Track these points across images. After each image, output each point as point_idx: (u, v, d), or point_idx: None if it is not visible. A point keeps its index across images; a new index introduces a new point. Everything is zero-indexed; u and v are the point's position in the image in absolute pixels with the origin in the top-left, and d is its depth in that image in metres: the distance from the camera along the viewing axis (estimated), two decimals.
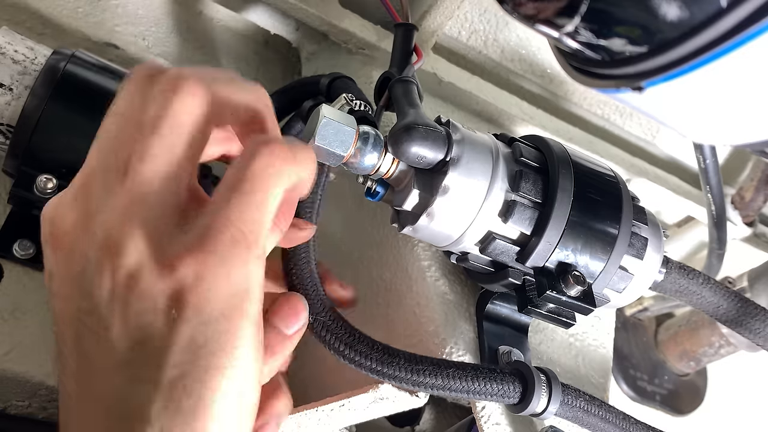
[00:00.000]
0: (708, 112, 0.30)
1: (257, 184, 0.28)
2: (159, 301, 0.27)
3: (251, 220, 0.28)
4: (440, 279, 0.47)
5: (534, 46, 0.69)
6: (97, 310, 0.27)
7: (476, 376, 0.39)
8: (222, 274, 0.27)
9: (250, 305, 0.28)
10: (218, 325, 0.27)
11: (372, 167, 0.39)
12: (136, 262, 0.27)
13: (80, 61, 0.47)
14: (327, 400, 0.43)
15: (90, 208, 0.28)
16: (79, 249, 0.28)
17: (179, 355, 0.26)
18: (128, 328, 0.27)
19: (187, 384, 0.26)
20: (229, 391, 0.27)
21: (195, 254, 0.27)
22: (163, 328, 0.27)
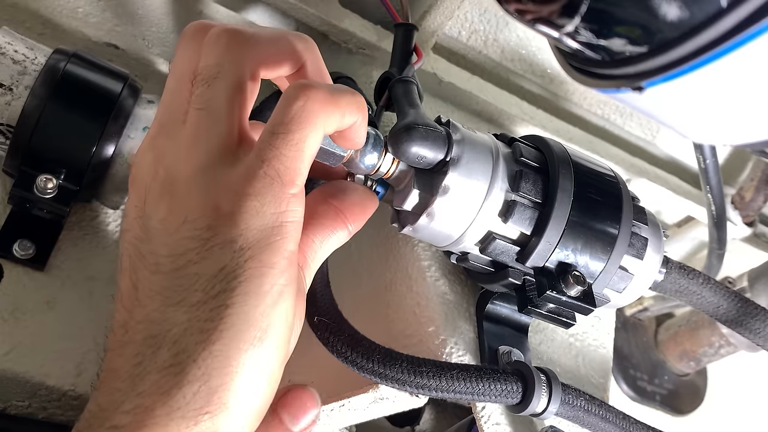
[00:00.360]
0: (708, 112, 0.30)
1: (293, 125, 0.29)
2: (199, 230, 0.29)
3: (287, 159, 0.29)
4: (440, 279, 0.47)
5: (534, 46, 0.69)
6: (148, 238, 0.30)
7: (478, 377, 0.39)
8: (254, 208, 0.29)
9: (283, 242, 0.29)
10: (248, 256, 0.28)
11: (372, 167, 0.39)
12: (185, 196, 0.30)
13: (80, 61, 0.47)
14: (327, 401, 0.43)
15: (157, 153, 0.31)
16: (144, 186, 0.31)
17: (208, 281, 0.28)
18: (171, 254, 0.29)
19: (213, 308, 0.28)
20: (251, 320, 0.28)
21: (233, 186, 0.29)
22: (199, 256, 0.29)
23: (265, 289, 0.28)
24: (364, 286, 0.53)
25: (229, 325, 0.28)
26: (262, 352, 0.28)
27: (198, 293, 0.28)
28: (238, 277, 0.28)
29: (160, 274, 0.29)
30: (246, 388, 0.28)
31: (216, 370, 0.27)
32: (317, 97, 0.30)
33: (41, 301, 0.48)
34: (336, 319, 0.41)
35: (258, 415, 0.29)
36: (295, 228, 0.30)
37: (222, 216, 0.29)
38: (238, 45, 0.32)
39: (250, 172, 0.29)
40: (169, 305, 0.28)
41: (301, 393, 0.34)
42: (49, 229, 0.49)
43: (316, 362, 0.50)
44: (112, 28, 0.57)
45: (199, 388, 0.27)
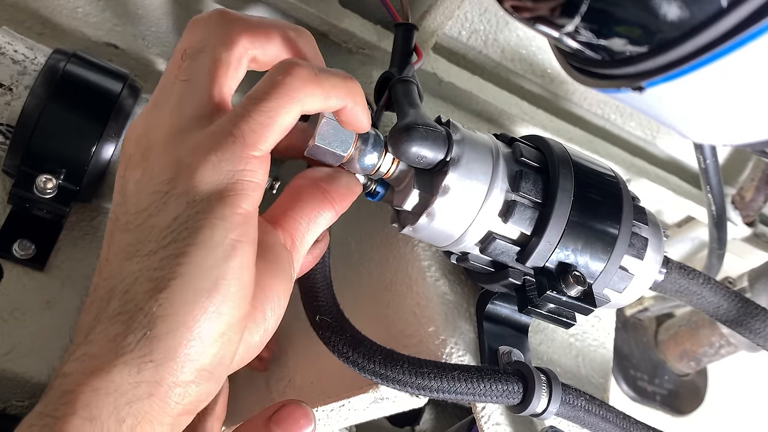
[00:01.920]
0: (708, 112, 0.30)
1: (271, 95, 0.30)
2: (160, 184, 0.30)
3: (256, 123, 0.30)
4: (440, 279, 0.47)
5: (534, 46, 0.69)
6: (124, 201, 0.31)
7: (479, 378, 0.39)
8: (212, 162, 0.29)
9: (237, 197, 0.29)
10: (200, 207, 0.29)
11: (372, 167, 0.39)
12: (156, 156, 0.31)
13: (80, 61, 0.47)
14: (327, 401, 0.43)
15: (145, 126, 0.33)
16: (128, 155, 0.32)
17: (161, 232, 0.29)
18: (137, 211, 0.30)
19: (163, 257, 0.28)
20: (200, 271, 0.28)
21: (198, 143, 0.30)
22: (156, 208, 0.29)
23: (216, 240, 0.28)
24: (364, 286, 0.53)
25: (177, 274, 0.28)
26: (211, 305, 0.28)
27: (151, 243, 0.29)
28: (189, 228, 0.28)
29: (128, 231, 0.30)
30: (193, 341, 0.27)
31: (161, 318, 0.27)
32: (300, 74, 0.31)
33: (41, 301, 0.48)
34: (337, 319, 0.41)
35: (208, 378, 0.28)
36: (252, 188, 0.30)
37: (181, 168, 0.29)
38: (224, 21, 0.33)
39: (216, 130, 0.30)
40: (127, 258, 0.29)
41: (295, 409, 0.33)
42: (49, 229, 0.49)
43: (316, 362, 0.50)
44: (111, 28, 0.57)
45: (144, 335, 0.27)
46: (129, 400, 0.27)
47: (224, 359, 0.29)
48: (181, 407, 0.28)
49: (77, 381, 0.27)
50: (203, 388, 0.28)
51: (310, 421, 0.34)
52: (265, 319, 0.32)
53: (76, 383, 0.27)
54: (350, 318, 0.42)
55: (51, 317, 0.47)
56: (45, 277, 0.49)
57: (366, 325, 0.41)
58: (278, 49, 0.35)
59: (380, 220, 0.54)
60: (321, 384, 0.48)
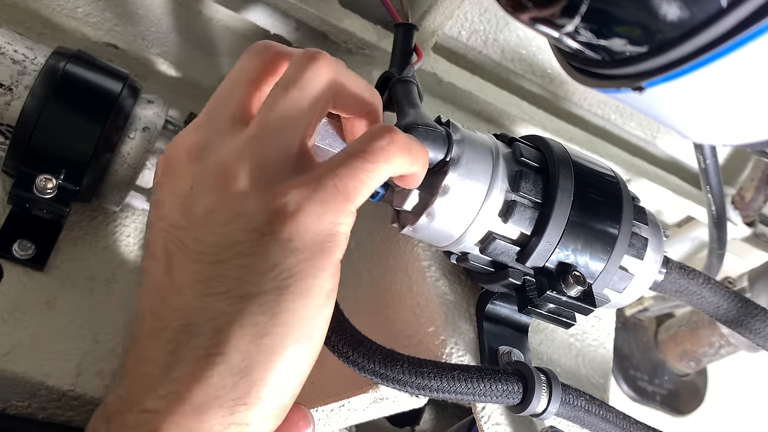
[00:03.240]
0: (708, 112, 0.30)
1: (372, 156, 0.31)
2: (255, 225, 0.29)
3: (357, 181, 0.31)
4: (440, 279, 0.47)
5: (534, 46, 0.69)
6: (191, 226, 0.30)
7: (479, 378, 0.39)
8: (317, 212, 0.30)
9: (335, 248, 0.30)
10: (303, 257, 0.29)
11: None
12: (243, 186, 0.30)
13: (80, 61, 0.47)
14: (327, 401, 0.43)
15: (203, 143, 0.31)
16: (188, 174, 0.31)
17: (260, 276, 0.29)
18: (218, 245, 0.29)
19: (264, 303, 0.28)
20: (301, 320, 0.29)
21: (300, 189, 0.30)
22: (251, 249, 0.29)
23: (316, 291, 0.29)
24: (364, 286, 0.53)
25: (280, 321, 0.28)
26: (302, 352, 0.29)
27: (248, 286, 0.29)
28: (293, 276, 0.29)
29: (203, 263, 0.29)
30: (281, 385, 0.29)
31: (259, 363, 0.28)
32: (399, 142, 0.32)
33: (41, 301, 0.48)
34: (337, 319, 0.41)
35: (283, 412, 0.30)
36: (344, 240, 0.31)
37: (283, 214, 0.29)
38: (330, 70, 0.33)
39: (320, 180, 0.30)
40: (211, 294, 0.29)
41: (294, 412, 0.33)
42: (49, 229, 0.49)
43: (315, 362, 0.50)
44: (111, 28, 0.57)
45: (240, 379, 0.28)
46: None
47: (296, 395, 0.31)
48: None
49: (166, 419, 0.27)
50: (275, 424, 0.30)
51: (309, 423, 0.34)
52: None
53: (165, 421, 0.27)
54: (350, 318, 0.42)
55: (51, 317, 0.47)
56: (45, 277, 0.49)
57: (366, 325, 0.41)
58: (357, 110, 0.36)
59: (380, 220, 0.54)
60: (321, 384, 0.48)
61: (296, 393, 0.30)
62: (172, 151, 0.32)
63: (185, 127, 0.33)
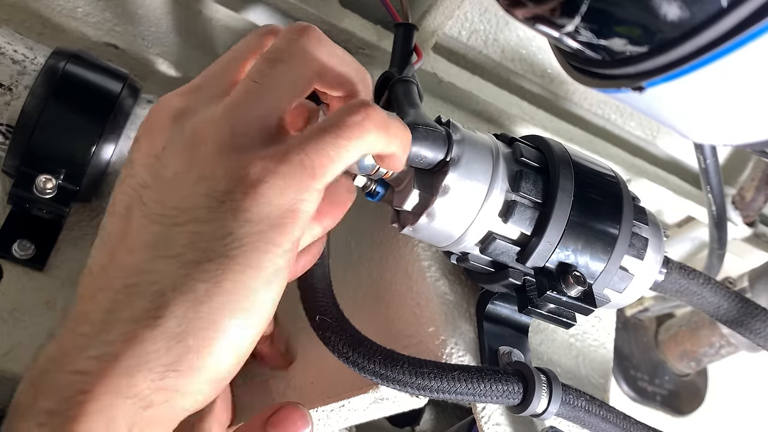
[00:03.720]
0: (708, 112, 0.30)
1: (343, 132, 0.30)
2: (216, 192, 0.29)
3: (325, 157, 0.30)
4: (440, 279, 0.47)
5: (534, 46, 0.69)
6: (156, 186, 0.30)
7: (479, 378, 0.39)
8: (279, 186, 0.29)
9: (293, 225, 0.29)
10: (258, 229, 0.29)
11: (372, 167, 0.38)
12: (211, 152, 0.30)
13: (80, 61, 0.47)
14: (327, 401, 0.43)
15: (185, 108, 0.32)
16: (165, 136, 0.31)
17: (211, 243, 0.28)
18: (177, 207, 0.29)
19: (210, 270, 0.28)
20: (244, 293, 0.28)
21: (265, 161, 0.29)
22: (208, 215, 0.29)
23: (265, 265, 0.29)
24: (364, 287, 0.53)
25: (222, 290, 0.28)
26: (243, 326, 0.28)
27: (197, 252, 0.28)
28: (243, 246, 0.28)
29: (160, 225, 0.29)
30: (216, 357, 0.28)
31: (196, 331, 0.27)
32: (375, 118, 0.31)
33: (41, 302, 0.48)
34: (337, 319, 0.41)
35: (217, 386, 0.29)
36: (305, 218, 0.30)
37: (245, 184, 0.29)
38: (315, 45, 0.33)
39: (287, 154, 0.30)
40: (160, 257, 0.28)
41: (292, 412, 0.33)
42: (49, 229, 0.49)
43: (316, 362, 0.50)
44: (111, 28, 0.57)
45: (175, 344, 0.27)
46: (145, 405, 0.27)
47: (234, 372, 0.30)
48: (186, 413, 0.28)
49: (96, 381, 0.26)
50: (210, 395, 0.29)
51: (307, 423, 0.34)
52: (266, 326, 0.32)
53: (95, 383, 0.26)
54: (350, 318, 0.42)
55: (51, 317, 0.47)
56: (45, 277, 0.49)
57: (366, 325, 0.41)
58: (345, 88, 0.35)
59: (380, 220, 0.53)
60: (321, 384, 0.48)
61: (233, 369, 0.29)
62: (155, 112, 0.32)
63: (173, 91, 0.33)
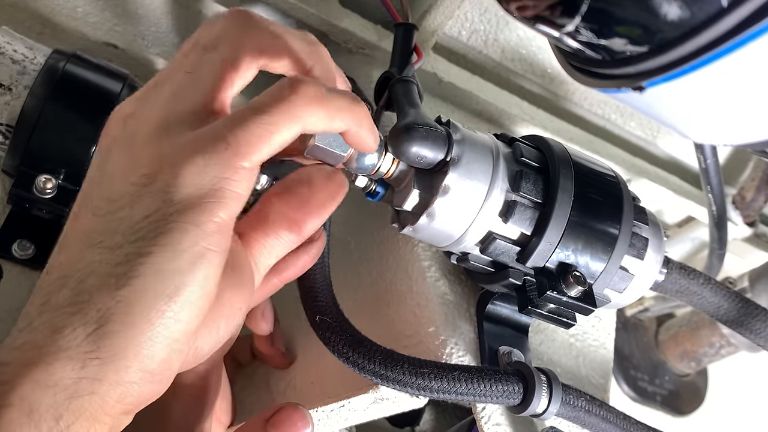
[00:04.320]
0: (709, 112, 0.30)
1: (270, 109, 0.29)
2: (140, 177, 0.29)
3: (252, 135, 0.29)
4: (440, 279, 0.47)
5: (534, 46, 0.69)
6: (99, 182, 0.30)
7: (479, 379, 0.39)
8: (199, 165, 0.28)
9: (216, 205, 0.28)
10: (176, 209, 0.28)
11: (372, 167, 0.38)
12: (141, 145, 0.30)
13: (79, 61, 0.47)
14: (327, 401, 0.43)
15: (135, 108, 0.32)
16: (113, 136, 0.32)
17: (131, 226, 0.28)
18: (109, 198, 0.29)
19: (128, 253, 0.27)
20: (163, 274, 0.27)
21: (188, 141, 0.29)
22: (131, 200, 0.28)
23: (185, 246, 0.27)
24: (364, 287, 0.53)
25: (138, 273, 0.27)
26: (169, 311, 0.27)
27: (118, 236, 0.28)
28: (160, 228, 0.27)
29: (95, 216, 0.29)
30: (144, 344, 0.27)
31: (115, 316, 0.26)
32: (306, 93, 0.30)
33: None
34: (337, 319, 0.41)
35: (153, 378, 0.28)
36: (233, 198, 0.29)
37: (165, 165, 0.28)
38: (243, 24, 0.33)
39: (210, 132, 0.29)
40: (89, 246, 0.28)
41: (292, 412, 0.33)
42: (49, 229, 0.49)
43: (316, 362, 0.50)
44: (111, 28, 0.57)
45: (94, 330, 0.26)
46: (69, 396, 0.26)
47: (171, 364, 0.28)
48: (121, 407, 0.27)
49: (16, 371, 0.26)
50: (146, 389, 0.28)
51: (307, 423, 0.33)
52: (218, 330, 0.31)
53: (15, 373, 0.26)
54: (350, 318, 0.42)
55: None
56: None
57: (366, 325, 0.41)
58: (290, 64, 0.34)
59: (380, 220, 0.53)
60: (321, 384, 0.48)
61: (169, 359, 0.28)
62: (110, 118, 0.33)
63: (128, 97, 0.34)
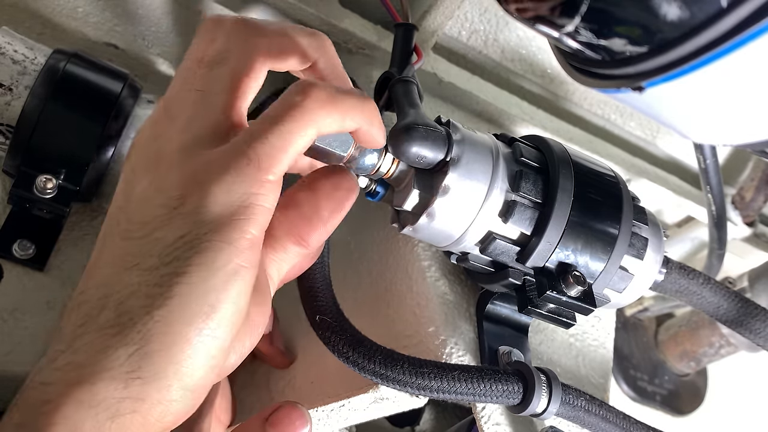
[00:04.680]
0: (708, 112, 0.30)
1: (287, 117, 0.30)
2: (170, 199, 0.29)
3: (270, 147, 0.29)
4: (440, 279, 0.47)
5: (534, 46, 0.69)
6: (127, 206, 0.31)
7: (480, 378, 0.39)
8: (227, 182, 0.29)
9: (247, 222, 0.29)
10: (208, 228, 0.28)
11: (372, 167, 0.39)
12: (167, 168, 0.30)
13: (80, 61, 0.47)
14: (327, 401, 0.43)
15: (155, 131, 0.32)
16: (136, 161, 0.32)
17: (165, 248, 0.28)
18: (141, 221, 0.29)
19: (164, 274, 0.28)
20: (199, 293, 0.28)
21: (212, 159, 0.29)
22: (163, 222, 0.29)
23: (219, 264, 0.28)
24: (364, 286, 0.53)
25: (175, 293, 0.27)
26: (206, 329, 0.28)
27: (153, 258, 0.28)
28: (194, 248, 0.28)
29: (129, 240, 0.29)
30: (183, 362, 0.27)
31: (155, 336, 0.27)
32: (318, 96, 0.30)
33: (41, 302, 0.48)
34: (337, 319, 0.41)
35: (192, 395, 0.28)
36: (262, 213, 0.29)
37: (194, 185, 0.29)
38: (245, 34, 0.33)
39: (232, 149, 0.29)
40: (125, 268, 0.28)
41: (291, 411, 0.33)
42: (49, 229, 0.49)
43: (316, 362, 0.50)
44: (111, 28, 0.57)
45: (135, 351, 0.27)
46: (112, 415, 0.26)
47: (208, 380, 0.29)
48: (160, 425, 0.28)
49: (59, 391, 0.26)
50: (184, 406, 0.28)
51: (306, 422, 0.33)
52: (243, 345, 0.32)
53: (58, 393, 0.26)
54: (350, 318, 0.42)
55: (51, 318, 0.47)
56: (45, 277, 0.49)
57: (366, 325, 0.41)
58: (297, 62, 0.35)
59: (380, 220, 0.53)
60: (321, 384, 0.48)
61: (206, 375, 0.28)
62: (132, 143, 0.33)
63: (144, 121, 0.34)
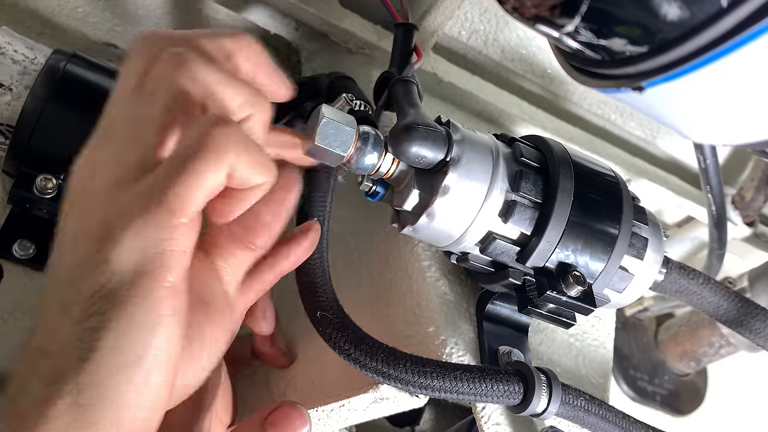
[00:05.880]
0: (708, 112, 0.30)
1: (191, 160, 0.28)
2: (89, 245, 0.28)
3: (183, 187, 0.28)
4: (440, 279, 0.47)
5: (534, 46, 0.69)
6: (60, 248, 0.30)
7: (481, 378, 0.39)
8: (133, 229, 0.28)
9: (163, 270, 0.28)
10: (124, 279, 0.27)
11: (372, 167, 0.39)
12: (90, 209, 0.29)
13: (80, 61, 0.47)
14: (327, 401, 0.43)
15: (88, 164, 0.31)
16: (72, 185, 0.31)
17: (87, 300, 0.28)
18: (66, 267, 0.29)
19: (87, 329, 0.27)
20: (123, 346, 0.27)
21: (124, 204, 0.28)
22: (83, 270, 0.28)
23: (138, 318, 0.27)
24: (364, 286, 0.53)
25: (97, 347, 0.27)
26: (136, 377, 0.27)
27: (76, 309, 0.28)
28: (111, 302, 0.27)
29: (59, 285, 0.29)
30: (121, 412, 0.27)
31: (87, 388, 0.27)
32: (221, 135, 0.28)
33: None
34: (338, 315, 0.41)
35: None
36: (178, 257, 0.28)
37: (108, 232, 0.28)
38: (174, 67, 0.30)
39: (144, 192, 0.28)
40: (61, 313, 0.28)
41: (290, 411, 0.33)
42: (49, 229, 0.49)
43: (316, 361, 0.50)
44: (111, 28, 0.57)
45: (72, 402, 0.27)
46: None
47: (155, 416, 0.29)
48: None
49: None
50: None
51: (305, 422, 0.33)
52: (202, 362, 0.32)
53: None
54: None
55: None
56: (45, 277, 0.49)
57: (366, 325, 0.41)
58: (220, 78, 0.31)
59: (380, 220, 0.53)
60: (321, 384, 0.48)
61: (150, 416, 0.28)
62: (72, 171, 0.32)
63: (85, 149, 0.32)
